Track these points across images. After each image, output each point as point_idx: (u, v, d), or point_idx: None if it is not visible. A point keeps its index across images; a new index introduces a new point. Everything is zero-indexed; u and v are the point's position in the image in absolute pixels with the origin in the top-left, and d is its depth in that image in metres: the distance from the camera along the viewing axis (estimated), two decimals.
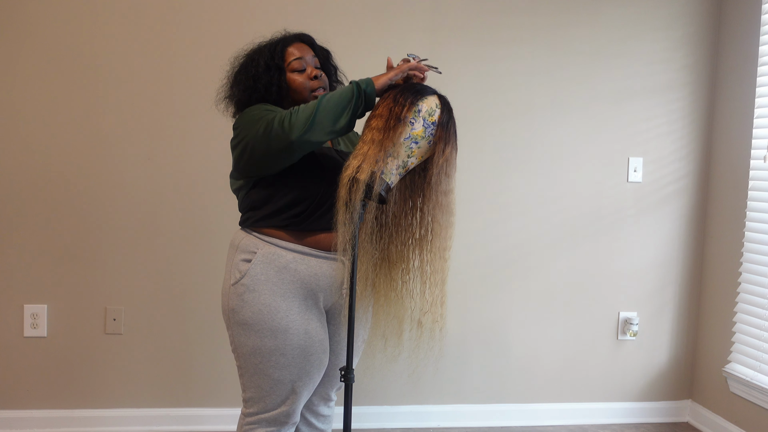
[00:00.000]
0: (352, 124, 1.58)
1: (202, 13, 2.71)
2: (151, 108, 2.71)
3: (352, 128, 1.59)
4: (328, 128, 1.55)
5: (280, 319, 1.66)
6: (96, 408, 2.75)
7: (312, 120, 1.53)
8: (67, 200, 2.68)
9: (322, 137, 1.55)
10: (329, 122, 1.54)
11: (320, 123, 1.53)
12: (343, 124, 1.55)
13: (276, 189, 1.69)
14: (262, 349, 1.67)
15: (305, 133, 1.53)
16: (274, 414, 1.72)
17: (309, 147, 1.56)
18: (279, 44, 1.79)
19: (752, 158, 2.77)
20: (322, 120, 1.53)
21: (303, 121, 1.53)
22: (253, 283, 1.66)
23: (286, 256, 1.68)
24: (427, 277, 1.67)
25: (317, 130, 1.53)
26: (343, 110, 1.55)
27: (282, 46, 1.79)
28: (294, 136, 1.53)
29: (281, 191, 1.69)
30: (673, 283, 3.08)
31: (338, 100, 1.55)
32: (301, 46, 1.81)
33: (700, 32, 3.00)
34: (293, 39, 1.82)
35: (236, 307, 1.68)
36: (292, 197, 1.68)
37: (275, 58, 1.77)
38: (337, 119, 1.55)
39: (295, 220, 1.69)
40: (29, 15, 2.62)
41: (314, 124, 1.53)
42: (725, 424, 2.85)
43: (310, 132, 1.53)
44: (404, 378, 2.91)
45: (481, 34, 2.87)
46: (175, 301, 2.77)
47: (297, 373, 1.70)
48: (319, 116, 1.53)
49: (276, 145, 1.56)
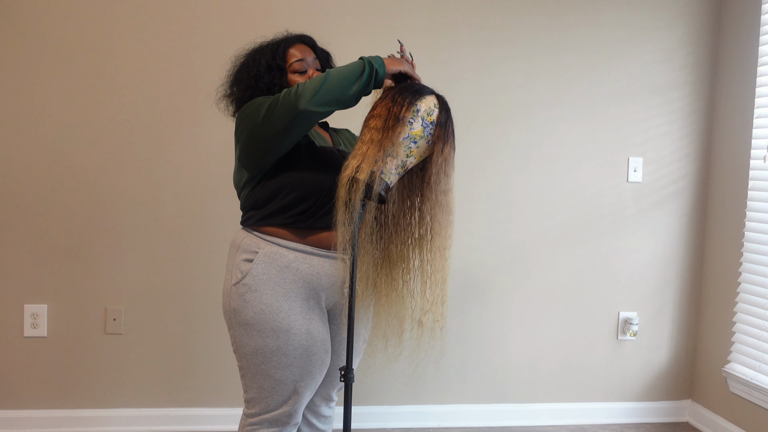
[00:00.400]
0: (359, 97, 1.58)
1: (202, 13, 2.71)
2: (151, 108, 2.71)
3: (357, 101, 1.59)
4: (336, 96, 1.55)
5: (282, 319, 1.66)
6: (96, 408, 2.76)
7: (319, 88, 1.54)
8: (67, 200, 2.69)
9: (329, 107, 1.56)
10: (337, 91, 1.55)
11: (328, 91, 1.54)
12: (351, 94, 1.56)
13: (281, 187, 1.70)
14: (264, 350, 1.67)
15: (312, 99, 1.54)
16: (275, 414, 1.72)
17: (316, 117, 1.57)
18: (281, 45, 1.80)
19: (752, 158, 2.77)
20: (330, 89, 1.55)
21: (311, 90, 1.54)
22: (255, 283, 1.66)
23: (288, 255, 1.68)
24: (428, 277, 1.67)
25: (324, 98, 1.54)
26: (352, 83, 1.56)
27: (284, 46, 1.80)
28: (301, 104, 1.54)
29: (285, 189, 1.69)
30: (673, 283, 3.07)
31: (347, 72, 1.57)
32: (302, 48, 1.82)
33: (700, 32, 3.00)
34: (295, 40, 1.83)
35: (238, 307, 1.68)
36: (296, 195, 1.69)
37: (277, 59, 1.78)
38: (345, 90, 1.55)
39: (299, 218, 1.69)
40: (29, 15, 2.62)
41: (321, 91, 1.54)
42: (725, 424, 2.85)
43: (317, 98, 1.54)
44: (404, 378, 2.91)
45: (481, 33, 2.87)
46: (175, 301, 2.77)
47: (299, 374, 1.70)
48: (327, 84, 1.55)
49: (283, 115, 1.57)
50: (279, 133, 1.60)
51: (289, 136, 1.61)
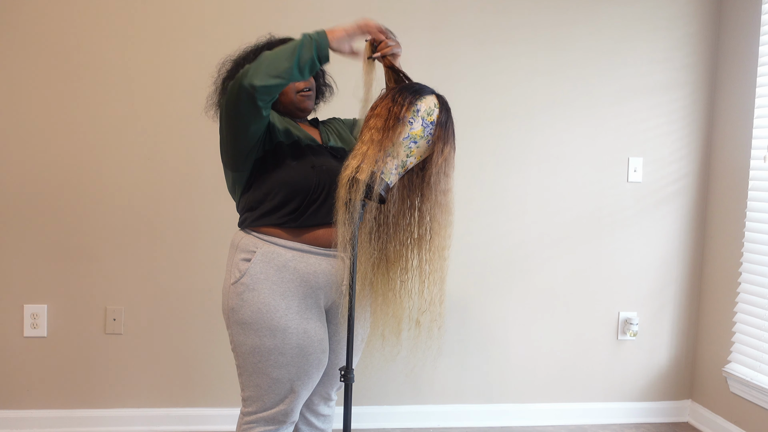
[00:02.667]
0: (301, 67, 1.59)
1: (202, 13, 2.71)
2: (151, 108, 2.71)
3: (301, 72, 1.60)
4: (274, 66, 1.57)
5: (279, 318, 1.67)
6: (96, 408, 2.75)
7: (258, 64, 1.58)
8: (67, 200, 2.69)
9: (270, 79, 1.57)
10: (275, 63, 1.57)
11: (264, 64, 1.57)
12: (286, 66, 1.57)
13: (269, 189, 1.72)
14: (261, 348, 1.68)
15: (252, 75, 1.56)
16: (272, 413, 1.72)
17: (261, 92, 1.57)
18: (264, 49, 1.82)
19: (752, 158, 2.77)
20: (267, 60, 1.58)
21: (251, 68, 1.58)
22: (253, 282, 1.67)
23: (285, 254, 1.69)
24: (426, 276, 1.67)
25: (262, 71, 1.57)
26: (289, 54, 1.58)
27: (267, 50, 1.80)
28: (245, 80, 1.57)
29: (273, 190, 1.71)
30: (673, 283, 3.07)
31: (285, 47, 1.60)
32: None
33: (700, 32, 3.00)
34: (278, 43, 1.84)
35: (236, 306, 1.69)
36: (284, 195, 1.70)
37: None
38: (282, 61, 1.57)
39: (291, 217, 1.71)
40: (28, 15, 2.62)
41: (258, 65, 1.57)
42: (725, 424, 2.85)
43: (257, 74, 1.56)
44: (404, 378, 2.91)
45: (481, 33, 2.87)
46: (175, 301, 2.77)
47: (296, 373, 1.70)
48: (264, 58, 1.59)
49: (233, 99, 1.61)
50: (235, 119, 1.63)
51: (245, 119, 1.63)
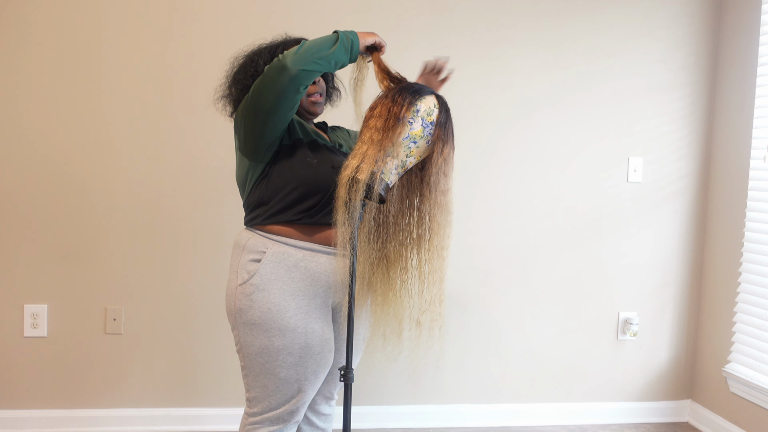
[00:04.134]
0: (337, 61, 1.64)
1: (203, 13, 2.71)
2: (152, 108, 2.71)
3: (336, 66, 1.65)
4: (316, 55, 1.60)
5: (289, 317, 1.67)
6: (96, 408, 2.76)
7: (299, 49, 1.61)
8: (68, 200, 2.69)
9: (312, 65, 1.60)
10: (315, 51, 1.61)
11: (306, 51, 1.61)
12: (328, 54, 1.61)
13: (286, 182, 1.71)
14: (270, 349, 1.68)
15: (295, 58, 1.59)
16: (278, 413, 1.72)
17: (302, 76, 1.60)
18: (279, 47, 1.83)
19: (752, 158, 2.77)
20: (309, 49, 1.61)
21: (292, 53, 1.61)
22: (263, 283, 1.67)
23: (296, 254, 1.69)
24: (426, 276, 1.68)
25: (305, 57, 1.60)
26: (328, 46, 1.62)
27: (282, 48, 1.82)
28: (288, 62, 1.59)
29: (291, 184, 1.70)
30: (673, 283, 3.07)
31: (322, 39, 1.64)
32: None
33: (700, 32, 3.00)
34: (293, 43, 1.86)
35: (244, 307, 1.69)
36: (303, 190, 1.70)
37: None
38: (323, 50, 1.61)
39: (307, 214, 1.70)
40: (29, 15, 2.62)
41: (301, 52, 1.60)
42: (725, 424, 2.85)
43: (299, 57, 1.59)
44: (404, 378, 2.91)
45: (480, 33, 2.87)
46: (175, 301, 2.77)
47: (303, 373, 1.70)
48: (306, 46, 1.62)
49: (273, 80, 1.61)
50: (273, 102, 1.63)
51: (282, 102, 1.63)
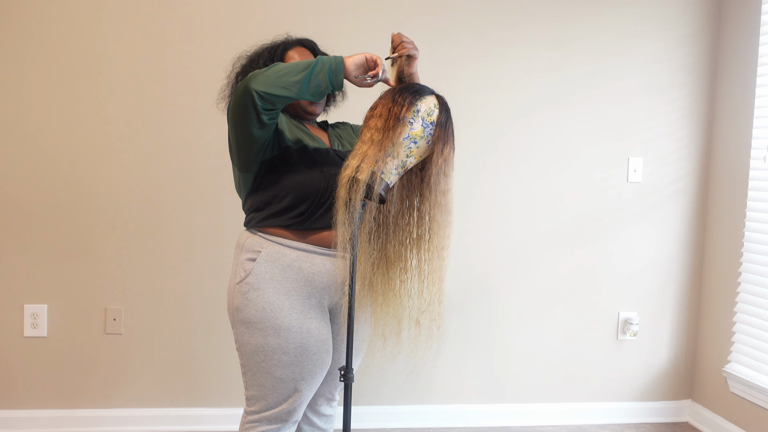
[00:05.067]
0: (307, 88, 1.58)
1: (203, 13, 2.71)
2: (152, 108, 2.71)
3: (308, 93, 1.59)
4: (281, 81, 1.56)
5: (284, 317, 1.68)
6: (96, 408, 2.76)
7: (266, 71, 1.58)
8: (68, 200, 2.69)
9: (274, 89, 1.56)
10: (284, 76, 1.56)
11: (274, 74, 1.57)
12: (295, 81, 1.56)
13: (277, 191, 1.72)
14: (265, 348, 1.68)
15: (259, 81, 1.56)
16: (275, 412, 1.73)
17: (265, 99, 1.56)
18: (280, 47, 1.83)
19: (752, 158, 2.77)
20: (278, 72, 1.57)
21: (260, 74, 1.58)
22: (258, 282, 1.68)
23: (290, 254, 1.70)
24: (425, 276, 1.68)
25: (271, 79, 1.56)
26: (298, 71, 1.57)
27: (283, 49, 1.83)
28: (250, 84, 1.56)
29: (281, 193, 1.72)
30: (673, 283, 3.07)
31: (299, 63, 1.60)
32: (301, 50, 1.85)
33: (700, 32, 3.00)
34: (295, 43, 1.86)
35: (240, 306, 1.70)
36: (291, 198, 1.71)
37: (275, 60, 1.80)
38: (289, 75, 1.56)
39: (297, 220, 1.71)
40: (29, 15, 2.62)
41: (267, 74, 1.57)
42: (725, 424, 2.85)
43: (263, 80, 1.56)
44: (404, 378, 2.91)
45: (480, 33, 2.87)
46: (175, 301, 2.77)
47: (299, 372, 1.71)
48: (276, 68, 1.58)
49: (239, 100, 1.60)
50: (239, 122, 1.63)
51: (247, 123, 1.62)
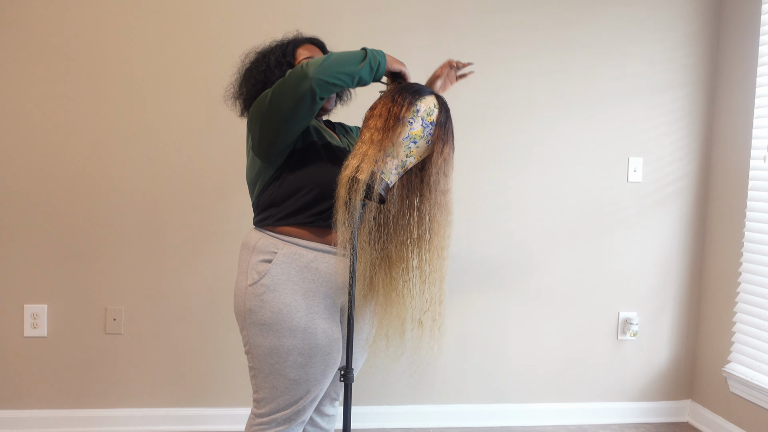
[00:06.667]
0: (360, 78, 1.62)
1: (203, 13, 2.71)
2: (152, 108, 2.71)
3: (357, 83, 1.63)
4: (341, 70, 1.59)
5: (300, 318, 1.67)
6: (96, 408, 2.76)
7: (325, 61, 1.58)
8: (68, 200, 2.69)
9: (334, 79, 1.58)
10: (341, 66, 1.59)
11: (333, 64, 1.58)
12: (353, 71, 1.60)
13: (301, 184, 1.70)
14: (280, 349, 1.67)
15: (319, 69, 1.57)
16: (286, 413, 1.72)
17: (324, 88, 1.58)
18: (290, 44, 1.84)
19: (752, 158, 2.77)
20: (335, 62, 1.59)
21: (317, 62, 1.58)
22: (274, 283, 1.67)
23: (307, 255, 1.69)
24: (426, 276, 1.68)
25: (330, 70, 1.58)
26: (355, 62, 1.61)
27: (293, 46, 1.84)
28: (311, 71, 1.56)
29: (306, 186, 1.70)
30: (673, 283, 3.07)
31: (350, 54, 1.62)
32: (311, 48, 1.86)
33: (700, 32, 3.00)
34: (304, 41, 1.87)
35: (254, 308, 1.68)
36: (317, 192, 1.70)
37: (286, 56, 1.81)
38: (348, 66, 1.59)
39: (320, 217, 1.70)
40: (29, 15, 2.62)
41: (326, 64, 1.58)
42: (725, 424, 2.85)
43: (323, 69, 1.57)
44: (405, 378, 2.91)
45: (481, 33, 2.87)
46: (175, 301, 2.77)
47: (313, 373, 1.70)
48: (332, 59, 1.59)
49: (293, 87, 1.59)
50: (290, 109, 1.61)
51: (299, 110, 1.61)
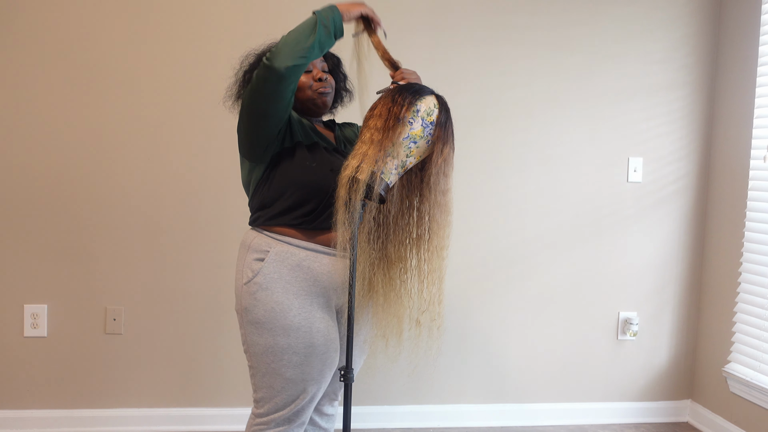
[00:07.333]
0: (322, 45, 1.63)
1: (203, 13, 2.71)
2: (152, 108, 2.71)
3: (322, 49, 1.64)
4: (298, 47, 1.60)
5: (293, 316, 1.67)
6: (96, 408, 2.76)
7: (280, 46, 1.61)
8: (68, 200, 2.69)
9: (296, 60, 1.60)
10: (296, 43, 1.60)
11: (289, 45, 1.60)
12: (308, 45, 1.61)
13: (285, 187, 1.72)
14: (275, 348, 1.67)
15: (281, 58, 1.59)
16: (284, 413, 1.72)
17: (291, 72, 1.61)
18: None
19: (752, 158, 2.77)
20: (289, 42, 1.61)
21: (276, 51, 1.60)
22: (266, 282, 1.67)
23: (299, 254, 1.69)
24: (425, 276, 1.68)
25: (288, 52, 1.60)
26: (308, 34, 1.62)
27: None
28: (274, 62, 1.59)
29: (290, 189, 1.71)
30: (673, 283, 3.07)
31: (302, 26, 1.64)
32: None
33: (700, 32, 3.00)
34: None
35: (249, 306, 1.69)
36: (300, 195, 1.70)
37: None
38: (303, 40, 1.61)
39: (306, 219, 1.71)
40: (29, 15, 2.62)
41: (281, 47, 1.60)
42: (725, 424, 2.85)
43: (284, 55, 1.59)
44: (404, 378, 2.91)
45: (480, 33, 2.87)
46: (175, 301, 2.77)
47: (309, 372, 1.70)
48: (285, 40, 1.62)
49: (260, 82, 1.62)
50: (266, 106, 1.64)
51: (276, 104, 1.64)
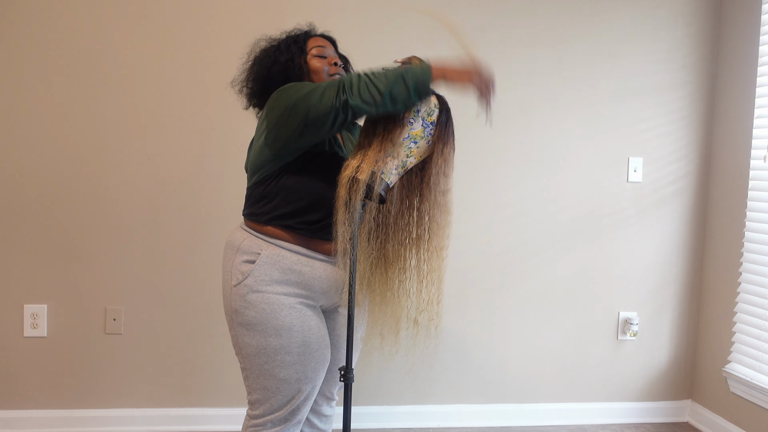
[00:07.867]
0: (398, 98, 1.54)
1: (203, 12, 2.71)
2: (151, 107, 2.71)
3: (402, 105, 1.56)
4: (375, 94, 1.52)
5: (284, 317, 1.67)
6: (96, 408, 2.76)
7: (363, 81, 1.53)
8: (68, 200, 2.69)
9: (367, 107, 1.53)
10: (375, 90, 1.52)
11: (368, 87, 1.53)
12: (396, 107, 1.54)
13: (297, 189, 1.68)
14: (267, 349, 1.67)
15: (358, 96, 1.52)
16: (280, 414, 1.72)
17: (359, 111, 1.54)
18: (303, 34, 1.86)
19: (752, 158, 2.77)
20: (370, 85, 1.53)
21: (361, 87, 1.52)
22: (257, 284, 1.67)
23: (290, 257, 1.69)
24: (424, 276, 1.68)
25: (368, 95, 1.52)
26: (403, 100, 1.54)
27: (306, 36, 1.85)
28: (351, 99, 1.52)
29: (300, 192, 1.68)
30: (673, 283, 3.07)
31: (387, 77, 1.54)
32: (323, 41, 1.87)
33: (700, 32, 3.00)
34: (317, 34, 1.89)
35: (239, 308, 1.68)
36: (310, 201, 1.68)
37: (299, 42, 1.82)
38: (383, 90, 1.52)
39: (309, 227, 1.69)
40: (29, 14, 2.62)
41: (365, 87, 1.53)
42: (725, 424, 2.85)
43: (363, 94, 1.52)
44: (404, 378, 2.91)
45: (480, 33, 2.87)
46: (175, 301, 2.77)
47: (302, 371, 1.70)
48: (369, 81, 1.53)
49: (328, 105, 1.53)
50: (320, 120, 1.55)
51: (326, 127, 1.56)
